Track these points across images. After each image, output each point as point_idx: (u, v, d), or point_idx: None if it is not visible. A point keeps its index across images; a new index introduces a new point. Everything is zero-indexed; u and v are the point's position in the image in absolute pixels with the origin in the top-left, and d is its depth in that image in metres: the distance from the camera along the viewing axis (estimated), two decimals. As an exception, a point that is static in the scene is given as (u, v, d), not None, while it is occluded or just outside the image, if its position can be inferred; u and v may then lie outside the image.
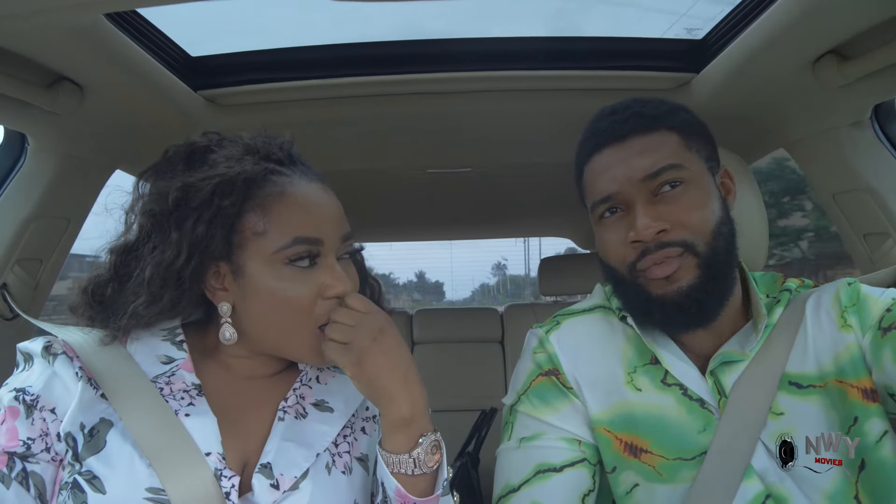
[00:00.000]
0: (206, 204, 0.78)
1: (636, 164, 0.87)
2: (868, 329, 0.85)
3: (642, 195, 0.86)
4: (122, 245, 0.83)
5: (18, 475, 0.72)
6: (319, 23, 2.15)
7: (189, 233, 0.78)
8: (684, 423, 0.88)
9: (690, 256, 0.85)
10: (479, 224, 3.47)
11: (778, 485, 0.83)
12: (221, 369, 0.86)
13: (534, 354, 0.98)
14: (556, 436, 0.92)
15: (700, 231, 0.85)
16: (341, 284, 0.81)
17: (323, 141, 1.67)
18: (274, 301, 0.80)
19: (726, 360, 0.90)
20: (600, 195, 0.90)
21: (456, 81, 1.41)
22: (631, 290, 0.90)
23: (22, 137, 1.32)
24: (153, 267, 0.78)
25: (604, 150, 0.91)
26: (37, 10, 0.87)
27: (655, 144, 0.88)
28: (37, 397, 0.75)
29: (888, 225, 1.33)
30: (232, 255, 0.80)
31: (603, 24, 2.81)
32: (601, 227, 0.92)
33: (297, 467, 0.79)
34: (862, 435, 0.82)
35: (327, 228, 0.82)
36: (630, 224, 0.87)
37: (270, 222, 0.79)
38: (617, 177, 0.88)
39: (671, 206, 0.86)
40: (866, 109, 1.30)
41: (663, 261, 0.85)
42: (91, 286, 0.82)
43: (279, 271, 0.79)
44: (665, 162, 0.86)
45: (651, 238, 0.84)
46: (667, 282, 0.85)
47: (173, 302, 0.79)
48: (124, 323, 0.79)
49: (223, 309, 0.82)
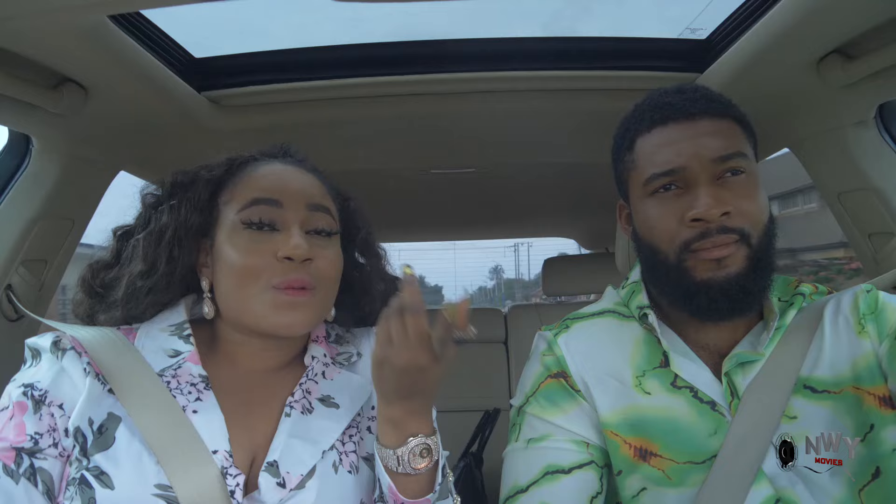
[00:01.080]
0: (192, 180, 0.87)
1: (707, 144, 0.86)
2: (885, 337, 0.85)
3: (707, 175, 0.85)
4: (123, 228, 0.90)
5: (26, 471, 0.73)
6: (322, 24, 2.16)
7: (177, 207, 0.85)
8: (695, 426, 0.87)
9: (744, 246, 0.84)
10: (483, 224, 3.47)
11: (788, 489, 0.82)
12: (228, 362, 0.87)
13: (542, 357, 0.98)
14: (565, 437, 0.91)
15: (756, 222, 0.85)
16: (293, 247, 0.81)
17: (326, 142, 1.67)
18: (230, 263, 0.82)
19: (741, 362, 0.89)
20: (663, 167, 0.88)
21: (459, 82, 1.41)
22: (674, 272, 0.88)
23: (26, 139, 1.33)
24: (146, 238, 0.84)
25: (670, 124, 0.89)
26: (41, 11, 0.88)
27: (725, 130, 0.88)
28: (45, 392, 0.76)
29: (893, 224, 1.32)
30: (210, 229, 0.86)
31: (605, 25, 2.81)
32: (652, 201, 0.90)
33: (303, 465, 0.79)
34: (878, 442, 0.81)
35: (289, 193, 0.85)
36: (689, 203, 0.85)
37: (236, 190, 0.86)
38: (685, 151, 0.86)
39: (733, 192, 0.85)
40: (871, 109, 1.29)
41: (720, 245, 0.84)
42: (90, 270, 0.88)
43: (237, 236, 0.83)
44: (735, 148, 0.86)
45: (715, 219, 0.83)
46: (717, 266, 0.84)
47: (166, 277, 0.84)
48: (120, 294, 0.83)
49: (203, 285, 0.87)
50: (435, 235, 3.88)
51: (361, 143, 1.74)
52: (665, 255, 0.88)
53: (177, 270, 0.84)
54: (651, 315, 0.93)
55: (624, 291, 1.02)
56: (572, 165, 2.08)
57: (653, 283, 0.95)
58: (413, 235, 3.81)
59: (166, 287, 0.85)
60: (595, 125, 1.60)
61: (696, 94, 0.90)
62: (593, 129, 1.62)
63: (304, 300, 0.82)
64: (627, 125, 0.95)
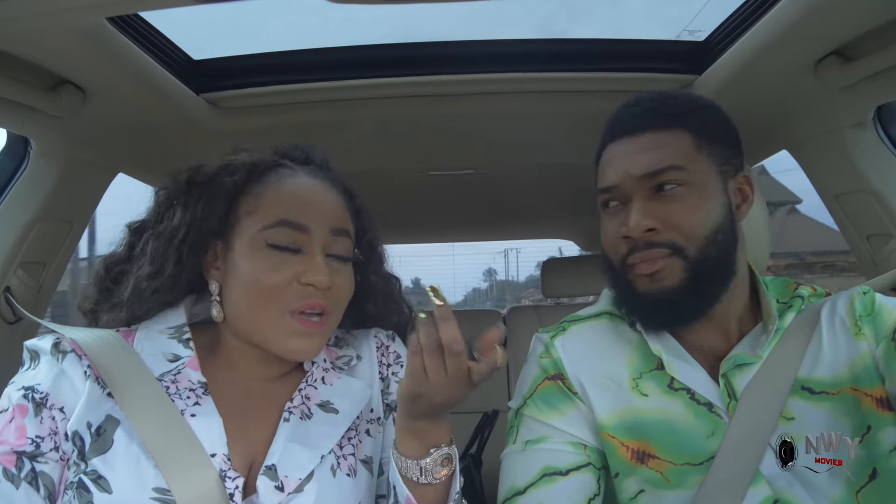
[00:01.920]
0: (211, 180, 0.85)
1: (639, 160, 0.87)
2: (882, 339, 0.85)
3: (641, 191, 0.87)
4: (137, 224, 0.88)
5: (28, 475, 0.72)
6: (320, 26, 2.16)
7: (192, 207, 0.83)
8: (692, 428, 0.87)
9: (678, 259, 0.85)
10: (481, 226, 3.47)
11: (786, 490, 0.82)
12: (228, 367, 0.86)
13: (539, 359, 0.98)
14: (562, 439, 0.91)
15: (691, 236, 0.85)
16: (316, 273, 0.81)
17: (324, 143, 1.67)
18: (249, 279, 0.81)
19: (739, 364, 0.89)
20: (602, 184, 0.92)
21: (457, 84, 1.41)
22: (620, 282, 0.92)
23: (25, 141, 1.33)
24: (156, 237, 0.83)
25: (616, 141, 0.92)
26: (40, 13, 0.88)
27: (664, 143, 0.87)
28: (46, 395, 0.75)
29: (891, 226, 1.32)
30: (225, 233, 0.84)
31: (603, 26, 2.82)
32: (604, 215, 0.94)
33: (301, 469, 0.79)
34: (875, 444, 0.81)
35: (315, 217, 0.84)
36: (623, 219, 0.88)
37: (260, 203, 0.84)
38: (620, 169, 0.89)
39: (667, 206, 0.86)
40: (869, 110, 1.30)
41: (649, 259, 0.86)
42: (104, 265, 0.87)
43: (258, 253, 0.82)
44: (668, 162, 0.86)
45: (639, 235, 0.86)
46: (650, 279, 0.87)
47: (173, 278, 0.83)
48: (127, 294, 0.82)
49: (212, 287, 0.85)
50: (433, 237, 3.88)
51: (359, 145, 1.74)
52: (615, 266, 0.92)
53: (184, 272, 0.83)
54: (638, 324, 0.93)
55: None
56: (571, 167, 2.08)
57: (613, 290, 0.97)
58: (411, 237, 3.80)
59: (171, 287, 0.84)
60: (594, 127, 1.59)
61: (645, 107, 0.91)
62: (592, 131, 1.62)
63: (318, 330, 0.83)
64: (601, 138, 0.98)
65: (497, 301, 32.26)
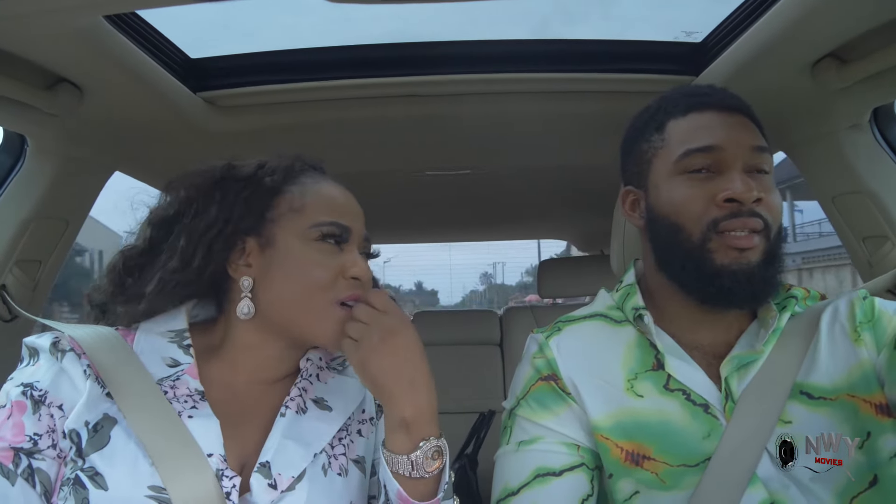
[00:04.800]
0: (249, 178, 0.87)
1: (744, 134, 0.88)
2: (884, 347, 0.85)
3: (741, 163, 0.87)
4: (160, 217, 0.87)
5: (24, 472, 0.72)
6: (318, 25, 2.16)
7: (229, 205, 0.84)
8: (688, 428, 0.87)
9: (763, 238, 0.86)
10: (478, 226, 3.47)
11: (781, 492, 0.82)
12: (226, 369, 0.86)
13: (533, 359, 0.98)
14: (555, 440, 0.91)
15: (776, 219, 0.87)
16: (362, 269, 0.85)
17: (321, 142, 1.67)
18: (299, 272, 0.83)
19: (742, 364, 0.89)
20: (700, 143, 0.88)
21: (454, 84, 1.41)
22: (696, 252, 0.87)
23: (21, 139, 1.32)
24: (188, 234, 0.83)
25: (708, 111, 0.90)
26: (36, 11, 0.87)
27: (755, 129, 0.90)
28: (45, 393, 0.75)
29: (887, 228, 1.33)
30: (262, 230, 0.85)
31: (601, 27, 2.82)
32: (682, 180, 0.89)
33: (294, 467, 0.79)
34: (875, 451, 0.81)
35: (355, 223, 0.88)
36: (721, 185, 0.85)
37: (306, 203, 0.86)
38: (723, 136, 0.88)
39: (760, 186, 0.86)
40: (865, 112, 1.30)
41: (748, 231, 0.85)
42: (123, 260, 0.86)
43: (309, 245, 0.84)
44: (766, 144, 0.90)
45: (749, 202, 0.84)
46: (739, 253, 0.85)
47: (199, 271, 0.83)
48: (150, 289, 0.82)
49: (245, 283, 0.85)
50: (429, 237, 3.89)
51: (357, 144, 1.75)
52: (689, 233, 0.87)
53: (210, 267, 0.83)
54: (647, 316, 0.92)
55: (618, 295, 1.02)
56: (567, 167, 2.09)
57: (666, 269, 0.94)
58: (408, 237, 3.81)
59: (195, 281, 0.83)
60: (590, 128, 1.61)
61: (729, 92, 0.94)
62: (588, 132, 1.63)
63: None
64: (656, 109, 0.96)
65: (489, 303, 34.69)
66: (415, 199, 2.59)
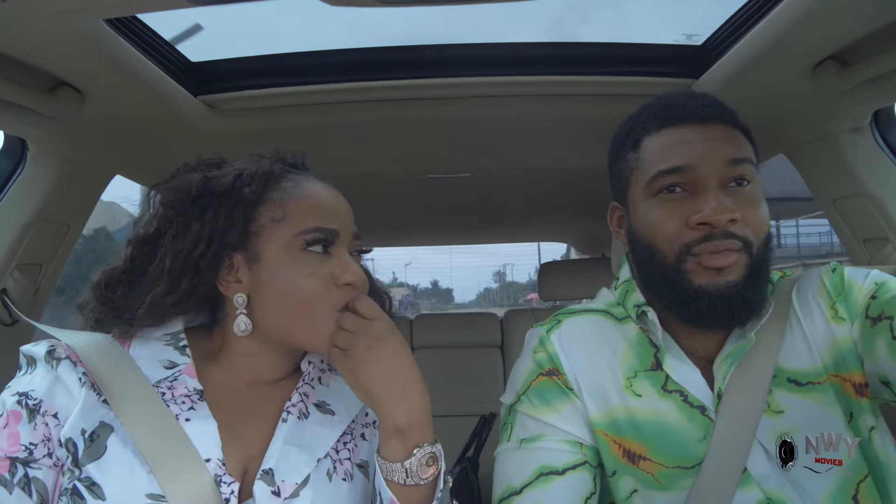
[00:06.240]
0: (228, 192, 0.82)
1: (719, 147, 0.85)
2: (856, 317, 0.85)
3: (715, 180, 0.84)
4: (140, 237, 0.84)
5: (20, 481, 0.72)
6: (318, 28, 2.16)
7: (210, 221, 0.81)
8: (684, 430, 0.87)
9: (745, 255, 0.84)
10: (480, 229, 3.47)
11: (777, 490, 0.82)
12: (225, 372, 0.85)
13: (534, 354, 0.97)
14: (558, 437, 0.91)
15: (759, 233, 0.85)
16: (353, 273, 0.82)
17: (322, 146, 1.67)
18: (290, 286, 0.81)
19: (738, 359, 0.88)
20: (668, 164, 0.86)
21: (456, 87, 1.41)
22: (671, 274, 0.86)
23: (22, 142, 1.32)
24: (173, 255, 0.80)
25: (681, 125, 0.88)
26: (37, 14, 0.87)
27: (735, 137, 0.87)
28: (40, 402, 0.75)
29: (888, 230, 1.33)
30: (248, 244, 0.82)
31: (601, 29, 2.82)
32: (655, 202, 0.88)
33: (298, 473, 0.79)
34: (858, 430, 0.83)
35: (342, 222, 0.85)
36: (694, 207, 0.84)
37: (288, 211, 0.83)
38: (695, 152, 0.85)
39: (742, 199, 0.84)
40: (866, 115, 1.30)
41: (723, 251, 0.83)
42: (105, 279, 0.83)
43: (296, 256, 0.81)
44: (744, 154, 0.86)
45: (721, 224, 0.82)
46: (717, 273, 0.83)
47: (189, 292, 0.81)
48: (142, 313, 0.80)
49: (238, 300, 0.83)
50: (431, 240, 3.88)
51: (358, 148, 1.74)
52: (664, 255, 0.87)
53: (199, 287, 0.81)
54: (651, 312, 0.91)
55: (618, 291, 1.01)
56: (569, 170, 2.09)
57: (647, 287, 0.94)
58: (410, 239, 3.80)
59: (187, 300, 0.82)
60: (591, 130, 1.60)
61: (708, 100, 0.90)
62: (589, 134, 1.63)
63: None
64: (633, 124, 0.94)
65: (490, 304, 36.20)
66: (416, 201, 2.59)
